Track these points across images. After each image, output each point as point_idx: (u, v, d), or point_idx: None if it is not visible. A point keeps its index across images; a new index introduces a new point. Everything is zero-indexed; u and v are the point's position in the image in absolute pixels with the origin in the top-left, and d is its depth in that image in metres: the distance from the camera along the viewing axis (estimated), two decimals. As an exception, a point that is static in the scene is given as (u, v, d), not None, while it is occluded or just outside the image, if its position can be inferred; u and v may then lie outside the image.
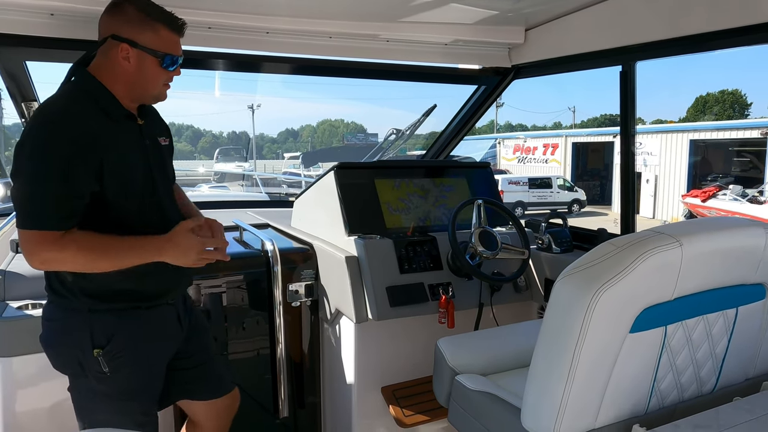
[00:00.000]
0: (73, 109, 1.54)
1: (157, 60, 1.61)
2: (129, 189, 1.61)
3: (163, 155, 1.78)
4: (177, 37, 1.65)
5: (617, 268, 1.28)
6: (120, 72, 1.60)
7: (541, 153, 29.76)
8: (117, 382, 1.64)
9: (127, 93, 1.64)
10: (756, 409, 1.40)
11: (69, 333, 1.63)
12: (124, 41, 1.57)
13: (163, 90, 1.70)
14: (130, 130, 1.65)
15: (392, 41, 2.58)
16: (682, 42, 2.10)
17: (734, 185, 18.51)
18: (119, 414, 1.68)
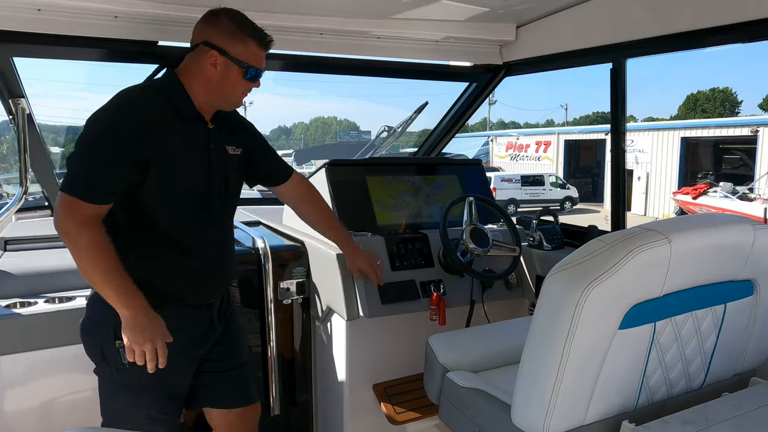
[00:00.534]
0: (142, 99, 1.65)
1: (242, 71, 1.70)
2: (174, 185, 1.67)
3: (227, 166, 1.81)
4: (263, 52, 1.74)
5: (607, 265, 1.28)
6: (205, 77, 1.69)
7: (533, 150, 29.86)
8: (134, 375, 1.67)
9: (206, 97, 1.72)
10: (744, 405, 1.41)
11: (97, 321, 1.70)
12: (215, 48, 1.66)
13: (240, 98, 1.78)
14: (196, 131, 1.72)
15: (383, 38, 2.58)
16: (672, 39, 2.11)
17: (724, 182, 18.65)
18: (134, 407, 1.72)
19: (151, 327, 1.60)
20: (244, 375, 1.98)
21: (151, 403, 1.73)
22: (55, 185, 2.84)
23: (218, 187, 1.78)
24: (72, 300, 2.16)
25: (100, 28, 2.15)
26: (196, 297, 1.79)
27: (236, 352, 1.97)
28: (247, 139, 1.92)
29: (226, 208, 1.85)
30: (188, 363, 1.81)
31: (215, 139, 1.77)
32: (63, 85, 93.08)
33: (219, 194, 1.79)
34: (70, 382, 2.17)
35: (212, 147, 1.75)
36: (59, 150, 6.77)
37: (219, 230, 1.81)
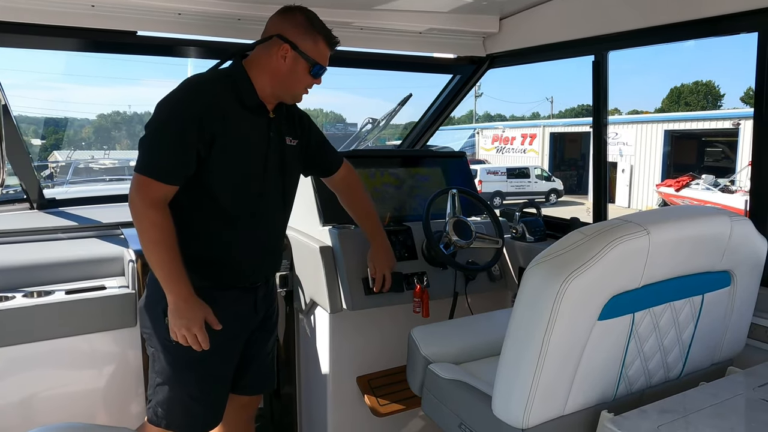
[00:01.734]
0: (208, 85, 1.74)
1: (308, 66, 1.78)
2: (234, 169, 1.74)
3: (284, 153, 1.88)
4: (329, 51, 1.83)
5: (586, 257, 1.29)
6: (273, 68, 1.76)
7: (519, 143, 29.97)
8: (177, 352, 1.75)
9: (271, 88, 1.79)
10: (721, 393, 1.43)
11: (151, 298, 1.79)
12: (287, 42, 1.74)
13: (302, 92, 1.85)
14: (258, 120, 1.80)
15: (366, 29, 2.56)
16: (653, 32, 2.12)
17: (707, 175, 18.88)
18: (175, 383, 1.79)
19: (192, 314, 1.67)
20: (267, 365, 2.07)
21: (191, 380, 1.80)
22: (33, 177, 2.79)
23: (274, 173, 1.86)
24: (50, 294, 2.13)
25: (76, 18, 2.11)
26: (242, 279, 1.86)
27: (267, 341, 2.04)
28: (304, 130, 1.99)
29: (282, 196, 1.92)
30: (232, 345, 1.87)
31: (275, 129, 1.85)
32: (40, 75, 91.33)
33: (275, 181, 1.87)
34: (48, 377, 2.15)
35: (272, 135, 1.83)
36: (40, 142, 6.63)
37: (273, 216, 1.90)
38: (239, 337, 1.89)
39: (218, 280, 1.81)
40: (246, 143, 1.77)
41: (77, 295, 2.17)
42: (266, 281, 1.98)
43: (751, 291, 1.64)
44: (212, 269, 1.79)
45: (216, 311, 1.76)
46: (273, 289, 2.06)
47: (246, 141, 1.77)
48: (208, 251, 1.78)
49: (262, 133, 1.81)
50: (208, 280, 1.78)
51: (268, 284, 1.99)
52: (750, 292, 1.64)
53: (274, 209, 1.90)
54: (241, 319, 1.88)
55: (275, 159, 1.86)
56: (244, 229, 1.81)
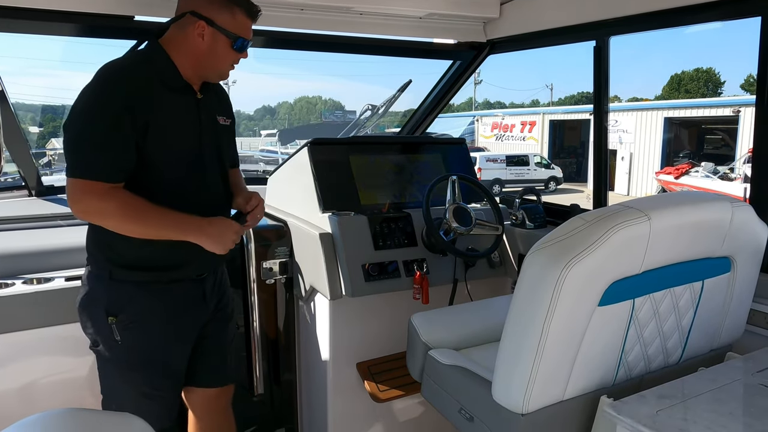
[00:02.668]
0: (130, 70, 1.63)
1: (229, 41, 1.68)
2: (172, 154, 1.67)
3: (218, 133, 1.82)
4: (251, 22, 1.72)
5: (586, 242, 1.28)
6: (191, 47, 1.67)
7: (518, 130, 29.89)
8: (126, 352, 1.69)
9: (193, 68, 1.70)
10: (719, 379, 1.44)
11: (92, 297, 1.71)
12: (202, 19, 1.64)
13: (228, 69, 1.76)
14: (185, 102, 1.71)
15: (366, 14, 2.53)
16: (655, 17, 2.10)
17: (706, 162, 18.86)
18: (126, 383, 1.74)
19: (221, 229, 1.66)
20: (227, 356, 1.99)
21: (143, 379, 1.74)
22: (31, 164, 2.78)
23: (212, 156, 1.78)
24: (50, 281, 2.13)
25: (74, 2, 2.09)
26: (188, 271, 1.78)
27: (224, 332, 1.97)
28: (230, 111, 1.92)
29: (223, 179, 1.85)
30: (182, 339, 1.81)
31: (205, 109, 1.77)
32: (37, 62, 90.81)
33: (213, 164, 1.79)
34: (49, 364, 2.16)
35: (203, 117, 1.75)
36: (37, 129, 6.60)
37: (215, 202, 1.81)
38: (190, 331, 1.83)
39: (163, 275, 1.72)
40: (178, 128, 1.68)
41: (77, 281, 2.16)
42: (213, 271, 1.89)
43: (750, 277, 1.64)
44: (155, 264, 1.70)
45: (163, 307, 1.72)
46: (223, 278, 1.98)
47: (178, 125, 1.68)
48: (149, 246, 1.66)
49: (192, 116, 1.73)
50: (152, 275, 1.70)
51: (216, 274, 1.91)
52: (750, 278, 1.64)
53: (216, 194, 1.82)
54: (191, 313, 1.81)
55: (210, 141, 1.77)
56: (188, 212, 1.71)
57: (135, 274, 1.67)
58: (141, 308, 1.70)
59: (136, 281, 1.68)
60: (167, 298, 1.72)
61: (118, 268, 1.67)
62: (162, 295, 1.71)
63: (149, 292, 1.69)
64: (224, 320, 1.98)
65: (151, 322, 1.72)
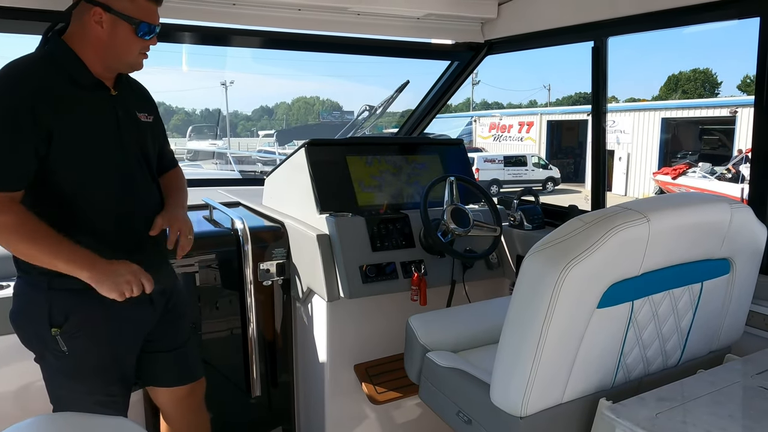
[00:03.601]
0: (32, 69, 1.51)
1: (131, 27, 1.56)
2: (82, 157, 1.55)
3: (141, 131, 1.71)
4: (154, 6, 1.61)
5: (585, 244, 1.28)
6: (92, 37, 1.55)
7: (516, 131, 29.91)
8: (75, 362, 1.62)
9: (100, 60, 1.58)
10: (718, 381, 1.43)
11: (30, 310, 1.61)
12: (97, 5, 1.52)
13: (138, 59, 1.64)
14: (98, 99, 1.60)
15: (363, 14, 2.52)
16: (653, 17, 2.09)
17: (703, 163, 18.89)
18: (79, 393, 1.67)
19: (123, 267, 1.53)
20: (186, 354, 1.94)
21: (96, 388, 1.68)
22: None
23: (135, 154, 1.67)
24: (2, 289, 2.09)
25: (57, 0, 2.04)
26: None
27: (178, 331, 1.91)
28: (153, 108, 1.80)
29: (152, 177, 1.74)
30: (129, 342, 1.75)
31: (123, 107, 1.65)
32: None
33: (139, 163, 1.68)
34: (10, 373, 2.12)
35: (120, 114, 1.63)
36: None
37: (146, 202, 1.70)
38: (137, 332, 1.76)
39: None
40: (91, 129, 1.56)
41: None
42: (156, 272, 1.72)
43: (750, 279, 1.63)
44: None
45: (107, 311, 1.61)
46: (170, 278, 1.87)
47: (91, 126, 1.56)
48: None
49: (107, 114, 1.61)
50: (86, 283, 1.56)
51: (159, 274, 1.75)
52: (749, 279, 1.63)
53: (146, 194, 1.71)
54: (136, 315, 1.72)
55: (131, 139, 1.65)
56: (117, 224, 1.63)
57: (74, 281, 1.54)
58: (85, 315, 1.61)
59: (76, 288, 1.56)
60: (109, 302, 1.58)
61: (55, 278, 1.55)
62: (104, 300, 1.57)
63: (91, 298, 1.57)
64: (174, 320, 1.89)
65: (96, 328, 1.63)
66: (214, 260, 2.46)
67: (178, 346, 1.91)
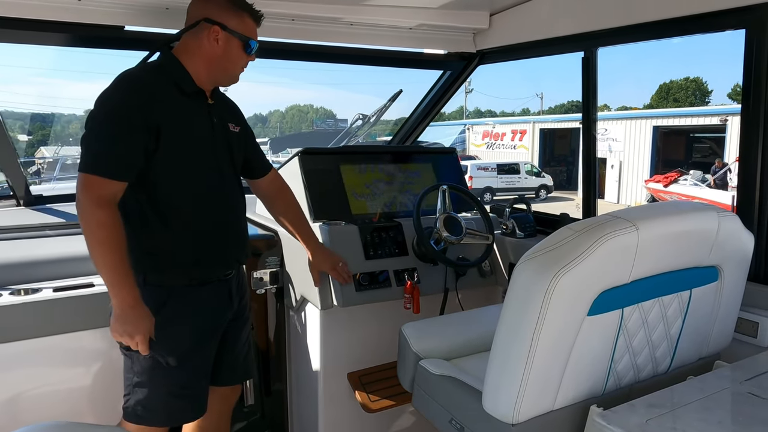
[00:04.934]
0: (145, 77, 1.71)
1: (242, 44, 1.78)
2: (188, 155, 1.73)
3: (229, 139, 1.87)
4: (256, 26, 1.83)
5: (575, 252, 1.29)
6: (206, 52, 1.75)
7: (509, 139, 30.03)
8: (160, 352, 1.73)
9: (207, 73, 1.78)
10: (708, 388, 1.45)
11: None
12: (216, 24, 1.73)
13: (239, 73, 1.85)
14: (198, 106, 1.79)
15: (356, 25, 2.55)
16: (642, 29, 2.13)
17: (694, 171, 19.02)
18: (156, 383, 1.76)
19: (138, 322, 1.64)
20: (245, 353, 2.06)
21: (174, 378, 1.78)
22: (19, 173, 2.76)
23: (225, 157, 1.85)
24: (38, 292, 2.11)
25: (64, 12, 2.09)
26: (216, 272, 1.85)
27: (243, 330, 2.04)
28: (241, 120, 1.98)
29: (237, 178, 1.93)
30: (211, 339, 1.87)
31: (217, 114, 1.84)
32: (26, 70, 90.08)
33: (227, 164, 1.86)
34: (36, 376, 2.13)
35: (215, 121, 1.82)
36: (26, 138, 6.52)
37: (233, 201, 1.89)
38: (217, 330, 1.89)
39: (191, 278, 1.78)
40: (191, 131, 1.75)
41: (65, 292, 2.15)
42: (237, 270, 1.97)
43: (738, 286, 1.65)
44: (183, 267, 1.77)
45: (195, 308, 1.78)
46: (244, 276, 2.06)
47: (190, 129, 1.75)
48: (177, 249, 1.74)
49: (204, 120, 1.80)
50: (181, 278, 1.76)
51: (239, 272, 1.99)
52: (737, 286, 1.65)
53: (233, 193, 1.89)
54: (218, 313, 1.88)
55: (222, 143, 1.84)
56: (208, 220, 1.79)
57: (168, 276, 1.73)
58: (176, 308, 1.75)
59: (170, 285, 1.74)
60: (198, 300, 1.79)
61: (152, 273, 1.73)
62: (194, 297, 1.78)
63: (182, 294, 1.75)
64: (245, 319, 2.04)
65: (184, 323, 1.77)
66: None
67: (241, 344, 2.03)
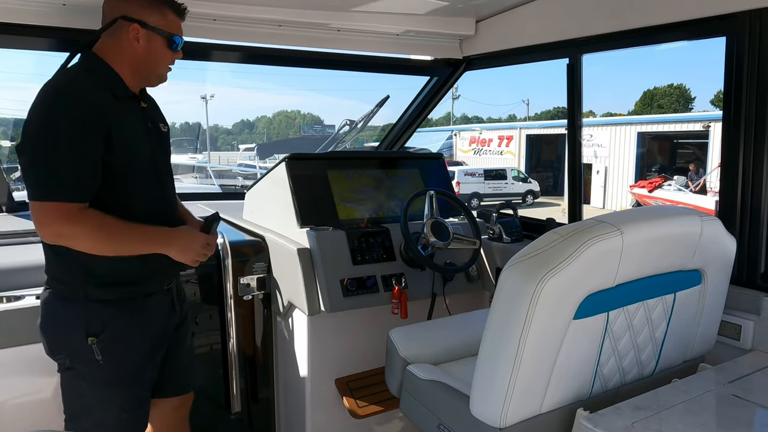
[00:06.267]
0: (80, 83, 1.58)
1: (165, 41, 1.68)
2: (135, 162, 1.65)
3: (163, 141, 1.82)
4: (180, 20, 1.73)
5: (561, 256, 1.30)
6: (129, 52, 1.65)
7: (496, 145, 30.19)
8: (109, 370, 1.66)
9: (134, 73, 1.68)
10: (692, 390, 1.46)
11: (64, 320, 1.65)
12: (135, 22, 1.63)
13: (166, 71, 1.76)
14: (133, 111, 1.70)
15: (343, 30, 2.56)
16: (626, 36, 2.16)
17: (678, 176, 19.25)
18: (108, 401, 1.70)
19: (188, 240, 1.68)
20: (188, 364, 2.00)
21: (126, 394, 1.73)
22: (2, 180, 2.73)
23: (164, 166, 1.79)
24: (21, 299, 2.08)
25: (48, 17, 2.07)
26: (161, 281, 1.79)
27: (187, 338, 1.98)
28: (166, 122, 1.90)
29: (173, 185, 1.86)
30: (159, 350, 1.81)
31: (150, 118, 1.76)
32: (8, 75, 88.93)
33: (166, 171, 1.81)
34: (19, 384, 2.10)
35: (150, 126, 1.75)
36: (9, 143, 6.44)
37: (172, 209, 1.84)
38: (164, 340, 1.83)
39: (138, 289, 1.71)
40: (133, 140, 1.65)
41: None
42: (177, 278, 1.92)
43: (720, 289, 1.68)
44: (129, 280, 1.69)
45: (142, 321, 1.72)
46: (181, 283, 1.99)
47: (132, 138, 1.65)
48: (123, 261, 1.63)
49: (142, 125, 1.71)
50: (128, 290, 1.68)
51: (178, 280, 1.94)
52: (720, 290, 1.67)
53: (172, 201, 1.84)
54: (164, 322, 1.82)
55: (159, 149, 1.77)
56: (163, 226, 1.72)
57: (111, 291, 1.65)
58: (121, 325, 1.67)
59: (113, 299, 1.66)
60: (144, 312, 1.72)
61: (94, 289, 1.63)
62: (139, 310, 1.71)
63: (127, 307, 1.68)
64: (186, 327, 1.98)
65: (132, 337, 1.70)
66: (193, 275, 2.44)
67: (186, 353, 1.97)
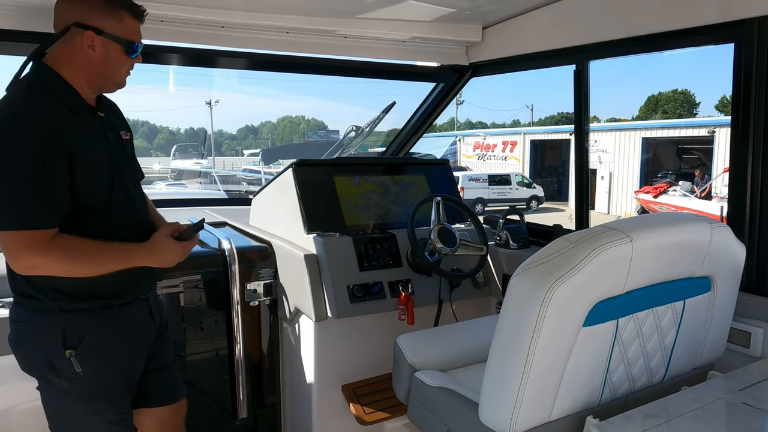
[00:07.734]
0: (33, 104, 1.49)
1: (121, 47, 1.60)
2: (98, 183, 1.58)
3: (126, 149, 1.76)
4: (138, 24, 1.64)
5: (571, 264, 1.30)
6: (84, 61, 1.57)
7: (500, 150, 30.19)
8: (89, 382, 1.62)
9: (90, 82, 1.61)
10: (702, 398, 1.46)
11: (39, 334, 1.59)
12: (89, 29, 1.54)
13: (125, 77, 1.69)
14: (92, 124, 1.62)
15: (350, 37, 2.57)
16: (633, 42, 2.16)
17: (683, 182, 19.20)
18: (91, 413, 1.67)
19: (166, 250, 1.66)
20: (173, 373, 1.95)
21: (108, 406, 1.69)
22: None
23: (128, 174, 1.72)
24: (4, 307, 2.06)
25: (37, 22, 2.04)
26: (138, 290, 1.74)
27: (166, 350, 1.93)
28: (127, 124, 1.83)
29: (141, 193, 1.81)
30: (139, 359, 1.77)
31: (110, 128, 1.69)
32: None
33: (133, 183, 1.75)
34: (23, 391, 2.08)
35: (110, 136, 1.67)
36: None
37: (142, 216, 1.77)
38: (143, 350, 1.79)
39: (113, 300, 1.66)
40: (94, 153, 1.57)
41: None
42: (153, 287, 1.87)
43: (730, 296, 1.67)
44: (105, 291, 1.63)
45: (120, 330, 1.67)
46: (157, 294, 1.95)
47: (92, 151, 1.57)
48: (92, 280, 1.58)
49: (101, 137, 1.63)
50: (104, 301, 1.63)
51: (155, 292, 1.89)
52: (729, 297, 1.67)
53: (141, 208, 1.77)
54: (142, 332, 1.78)
55: (122, 159, 1.70)
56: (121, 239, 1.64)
57: (87, 302, 1.60)
58: (99, 335, 1.62)
59: (89, 309, 1.61)
60: (122, 322, 1.67)
61: (68, 301, 1.58)
62: (117, 319, 1.65)
63: (104, 318, 1.63)
64: (167, 335, 1.93)
65: (111, 347, 1.65)
66: (199, 280, 2.44)
67: (166, 365, 1.92)
